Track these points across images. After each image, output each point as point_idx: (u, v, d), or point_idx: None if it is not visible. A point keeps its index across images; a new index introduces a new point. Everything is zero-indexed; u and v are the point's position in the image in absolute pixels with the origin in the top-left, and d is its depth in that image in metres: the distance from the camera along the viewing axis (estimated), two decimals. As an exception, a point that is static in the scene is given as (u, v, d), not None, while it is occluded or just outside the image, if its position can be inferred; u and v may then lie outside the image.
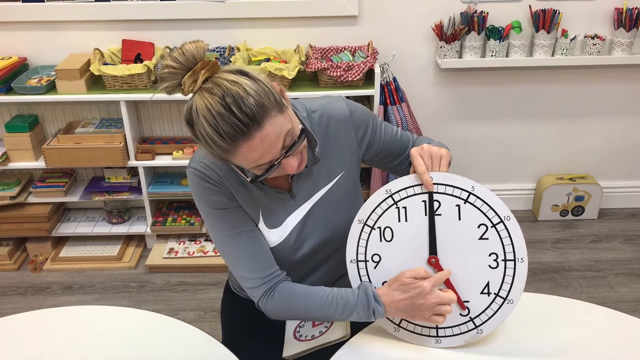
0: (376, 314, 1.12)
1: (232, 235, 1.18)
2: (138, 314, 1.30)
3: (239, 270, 1.19)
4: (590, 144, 2.80)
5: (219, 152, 1.01)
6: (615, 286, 2.40)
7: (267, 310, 1.19)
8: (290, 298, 1.17)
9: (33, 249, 2.66)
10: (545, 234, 2.74)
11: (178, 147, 2.53)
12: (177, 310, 2.33)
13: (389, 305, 1.11)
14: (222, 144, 0.99)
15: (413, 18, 2.48)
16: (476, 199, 1.11)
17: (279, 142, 1.03)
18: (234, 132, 0.97)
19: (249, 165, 1.05)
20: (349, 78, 2.34)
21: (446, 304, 1.10)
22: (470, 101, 2.69)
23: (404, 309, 1.11)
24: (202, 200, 1.18)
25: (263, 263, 1.18)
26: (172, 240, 2.68)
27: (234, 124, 0.97)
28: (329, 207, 1.25)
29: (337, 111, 1.23)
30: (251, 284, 1.18)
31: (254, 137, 0.99)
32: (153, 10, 2.41)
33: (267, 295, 1.18)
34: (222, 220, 1.18)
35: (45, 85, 2.35)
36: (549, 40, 2.44)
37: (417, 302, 1.09)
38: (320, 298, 1.15)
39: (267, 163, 1.04)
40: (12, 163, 2.48)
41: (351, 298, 1.14)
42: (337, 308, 1.14)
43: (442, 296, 1.09)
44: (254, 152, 1.01)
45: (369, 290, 1.13)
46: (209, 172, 1.16)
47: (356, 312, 1.13)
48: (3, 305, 2.38)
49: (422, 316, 1.11)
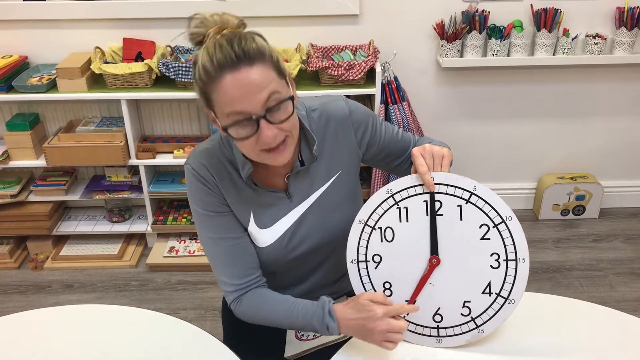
0: (329, 329, 1.13)
1: (216, 239, 1.20)
2: (139, 312, 1.30)
3: (217, 272, 1.22)
4: (591, 143, 2.80)
5: (205, 79, 1.03)
6: (616, 286, 2.39)
7: (236, 313, 1.23)
8: (257, 305, 1.20)
9: (34, 247, 2.66)
10: (546, 234, 2.74)
11: (179, 145, 2.52)
12: (177, 309, 2.34)
13: (342, 322, 1.12)
14: (210, 70, 1.01)
15: (414, 17, 2.48)
16: (478, 199, 1.11)
17: (262, 93, 1.01)
18: (224, 60, 1.00)
19: (225, 107, 1.02)
20: (350, 77, 2.33)
21: (397, 332, 1.08)
22: (471, 100, 2.68)
23: (355, 328, 1.11)
24: (194, 198, 1.20)
25: (241, 271, 1.21)
26: (172, 239, 2.68)
27: (227, 54, 1.00)
28: (326, 207, 1.24)
29: (336, 110, 1.22)
30: (226, 288, 1.22)
31: (240, 71, 1.00)
32: (154, 9, 2.41)
33: (238, 300, 1.22)
34: (208, 223, 1.20)
35: (46, 83, 2.35)
36: (550, 40, 2.44)
37: (368, 325, 1.09)
38: (283, 308, 1.18)
39: (244, 114, 1.02)
40: (13, 161, 2.48)
41: (310, 311, 1.15)
42: (297, 319, 1.16)
43: (393, 324, 1.08)
44: (234, 89, 1.00)
45: (325, 305, 1.14)
46: (204, 173, 1.17)
47: (312, 326, 1.15)
48: (4, 304, 2.38)
49: (373, 340, 1.10)
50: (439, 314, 1.15)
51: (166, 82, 2.44)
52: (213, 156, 1.18)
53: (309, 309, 1.15)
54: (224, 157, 1.18)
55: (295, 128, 1.10)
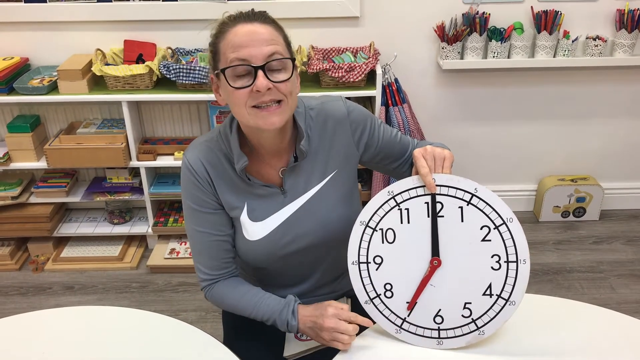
0: (289, 327, 1.20)
1: (199, 232, 1.25)
2: (139, 314, 1.30)
3: (195, 260, 1.29)
4: (591, 145, 2.80)
5: (217, 32, 1.12)
6: (617, 287, 2.39)
7: (206, 298, 1.32)
8: (223, 296, 1.28)
9: (34, 249, 2.67)
10: (547, 235, 2.74)
11: (180, 147, 2.53)
12: (178, 311, 2.34)
13: (300, 320, 1.20)
14: (225, 20, 1.11)
15: (415, 19, 2.48)
16: (479, 200, 1.11)
17: (267, 47, 1.08)
18: (239, 14, 1.11)
19: (230, 53, 1.08)
20: (351, 79, 2.34)
21: (342, 333, 1.13)
22: (471, 102, 2.69)
23: (309, 325, 1.18)
24: (185, 190, 1.24)
25: (216, 264, 1.27)
26: (173, 241, 2.68)
27: (244, 12, 1.12)
28: (321, 206, 1.25)
29: (334, 110, 1.23)
30: (200, 274, 1.29)
31: (253, 24, 1.09)
32: (155, 11, 2.41)
33: (208, 288, 1.30)
34: (194, 216, 1.24)
35: (47, 85, 2.36)
36: (550, 42, 2.44)
37: (318, 322, 1.16)
38: (246, 302, 1.24)
39: (245, 61, 1.07)
40: (14, 163, 2.48)
41: (275, 307, 1.22)
42: (259, 313, 1.23)
43: (339, 325, 1.14)
44: (242, 36, 1.08)
45: (290, 304, 1.21)
46: (198, 168, 1.20)
47: (273, 320, 1.22)
48: (4, 306, 2.38)
49: (324, 337, 1.16)
50: (439, 315, 1.15)
51: (167, 84, 2.44)
52: (210, 150, 1.21)
53: (274, 306, 1.22)
54: (220, 150, 1.21)
55: (293, 95, 1.13)
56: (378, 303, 1.17)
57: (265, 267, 1.31)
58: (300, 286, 1.36)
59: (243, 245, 1.26)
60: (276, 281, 1.35)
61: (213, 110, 2.51)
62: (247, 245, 1.26)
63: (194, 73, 2.32)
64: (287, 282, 1.35)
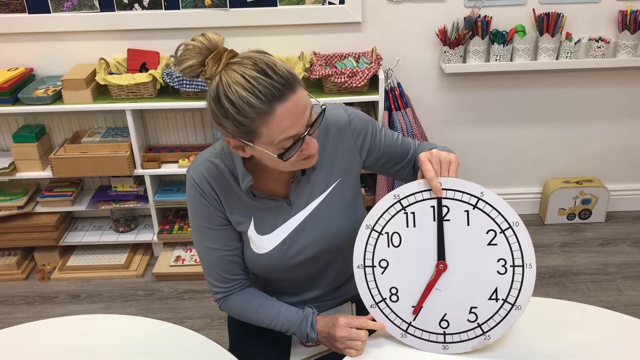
0: (309, 339, 1.23)
1: (209, 249, 1.25)
2: (145, 322, 1.30)
3: (207, 275, 1.29)
4: (596, 147, 2.79)
5: (252, 115, 1.00)
6: (624, 289, 2.38)
7: (223, 310, 1.32)
8: (240, 308, 1.29)
9: (41, 258, 2.67)
10: (553, 238, 2.73)
11: (184, 155, 2.53)
12: (184, 318, 2.34)
13: (319, 332, 1.22)
14: (258, 105, 0.99)
15: (416, 23, 2.49)
16: (485, 204, 1.10)
17: (307, 112, 1.04)
18: (270, 93, 0.98)
19: (278, 136, 1.02)
20: (353, 84, 2.34)
21: (355, 339, 1.15)
22: (474, 106, 2.68)
23: (324, 336, 1.21)
24: (192, 208, 1.23)
25: (227, 277, 1.27)
26: (178, 248, 2.68)
27: (271, 85, 0.98)
28: (326, 214, 1.25)
29: (335, 118, 1.23)
30: (213, 288, 1.30)
31: (289, 99, 1.00)
32: (158, 20, 2.43)
33: (223, 300, 1.30)
34: (202, 233, 1.24)
35: (51, 95, 2.37)
36: (553, 44, 2.44)
37: (331, 332, 1.18)
38: (263, 313, 1.26)
39: (292, 137, 1.03)
40: (20, 173, 2.49)
41: (293, 320, 1.24)
42: (275, 325, 1.26)
43: (351, 333, 1.16)
44: (287, 117, 1.01)
45: (309, 317, 1.23)
46: (203, 185, 1.19)
47: (292, 332, 1.25)
48: (12, 315, 2.39)
49: (337, 347, 1.18)
50: (445, 319, 1.15)
51: (170, 92, 2.45)
52: (214, 166, 1.19)
53: (292, 317, 1.24)
54: (225, 167, 1.20)
55: None
56: (383, 307, 1.17)
57: (271, 277, 1.31)
58: (305, 294, 1.36)
59: (251, 258, 1.26)
60: (281, 290, 1.35)
61: (217, 117, 2.51)
62: (255, 259, 1.25)
63: (196, 81, 2.33)
64: (292, 291, 1.35)
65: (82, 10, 2.40)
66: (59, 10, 2.40)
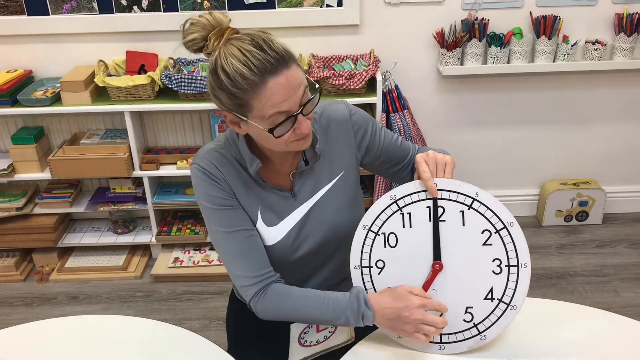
0: (365, 319, 1.13)
1: (229, 233, 1.19)
2: (144, 323, 1.31)
3: (233, 268, 1.20)
4: (593, 149, 2.80)
5: (245, 87, 1.02)
6: (621, 291, 2.39)
7: (258, 310, 1.21)
8: (282, 298, 1.18)
9: (39, 259, 2.68)
10: (550, 240, 2.74)
11: (182, 157, 2.54)
12: (182, 320, 2.34)
13: (378, 311, 1.13)
14: (250, 77, 1.01)
15: (414, 26, 2.50)
16: (480, 205, 1.11)
17: (300, 89, 1.05)
18: (263, 66, 1.01)
19: (269, 110, 1.04)
20: (351, 86, 2.35)
21: (430, 325, 1.09)
22: (472, 108, 2.69)
23: (389, 316, 1.12)
24: (203, 195, 1.19)
25: (258, 262, 1.20)
26: (177, 250, 2.69)
27: (264, 59, 1.02)
28: (329, 207, 1.26)
29: (337, 113, 1.25)
30: (245, 282, 1.19)
31: (281, 73, 1.03)
32: (156, 22, 2.43)
33: (259, 294, 1.19)
34: (220, 217, 1.19)
35: (50, 97, 2.38)
36: (550, 46, 2.45)
37: (403, 314, 1.10)
38: (311, 300, 1.17)
39: (284, 113, 1.05)
40: (18, 174, 2.50)
41: (342, 301, 1.15)
42: (327, 310, 1.15)
43: (427, 316, 1.10)
44: (279, 92, 1.03)
45: (360, 295, 1.14)
46: (211, 168, 1.19)
47: (345, 316, 1.14)
48: (10, 316, 2.39)
49: (405, 330, 1.11)
50: (442, 320, 1.16)
51: (169, 94, 2.46)
52: (220, 154, 1.20)
53: (341, 300, 1.15)
54: (232, 156, 1.21)
55: None
56: (381, 308, 1.17)
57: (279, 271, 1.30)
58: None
59: None
60: None
61: (215, 119, 2.53)
62: None
63: (195, 83, 2.33)
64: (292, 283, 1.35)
65: (81, 13, 2.41)
66: (58, 13, 2.41)
